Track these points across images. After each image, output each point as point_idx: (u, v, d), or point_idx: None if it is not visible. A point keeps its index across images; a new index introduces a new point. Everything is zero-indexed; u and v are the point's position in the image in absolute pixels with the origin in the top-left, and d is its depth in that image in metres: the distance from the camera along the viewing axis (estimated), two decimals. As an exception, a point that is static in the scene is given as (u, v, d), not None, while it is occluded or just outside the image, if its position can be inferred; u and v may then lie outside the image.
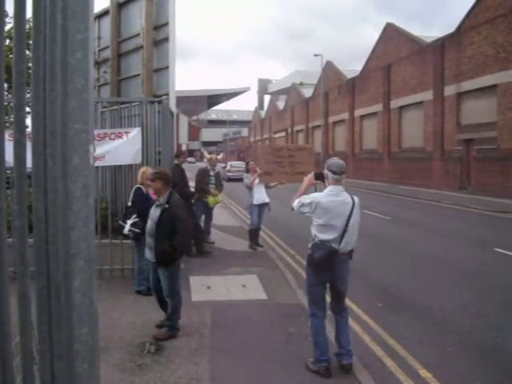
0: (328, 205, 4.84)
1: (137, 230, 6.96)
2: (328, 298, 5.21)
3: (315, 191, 5.30)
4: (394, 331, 6.15)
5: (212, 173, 11.29)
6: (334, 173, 4.90)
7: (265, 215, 11.38)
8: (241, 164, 39.44)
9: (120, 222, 7.28)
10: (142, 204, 7.01)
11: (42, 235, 1.28)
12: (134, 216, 7.04)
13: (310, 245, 4.99)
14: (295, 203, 5.08)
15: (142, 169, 7.40)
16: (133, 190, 7.41)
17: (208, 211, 11.34)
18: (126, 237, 7.23)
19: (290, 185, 12.64)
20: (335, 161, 5.07)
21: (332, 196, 4.89)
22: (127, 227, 7.01)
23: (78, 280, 1.24)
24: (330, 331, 5.30)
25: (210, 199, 10.89)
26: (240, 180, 15.84)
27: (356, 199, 5.04)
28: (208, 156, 11.95)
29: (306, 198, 4.97)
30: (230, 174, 37.50)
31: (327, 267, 4.85)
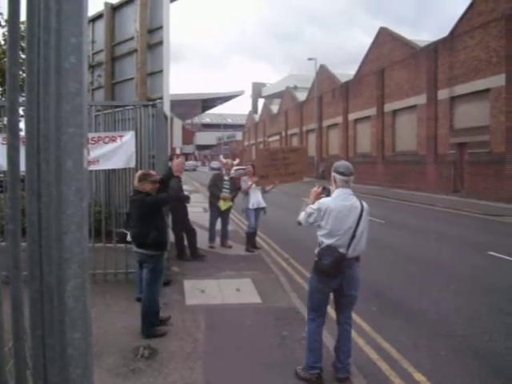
0: (337, 209, 4.64)
1: None
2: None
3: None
4: (388, 335, 6.16)
5: (227, 177, 11.38)
6: (342, 174, 4.74)
7: (260, 219, 11.42)
8: (193, 163, 74.57)
9: (123, 230, 7.21)
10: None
11: (35, 239, 1.27)
12: None
13: (316, 251, 4.79)
14: (301, 216, 4.88)
15: (137, 173, 7.36)
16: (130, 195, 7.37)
17: (224, 216, 11.46)
18: (129, 243, 7.16)
19: (286, 189, 12.68)
20: (343, 162, 4.94)
21: (341, 200, 4.71)
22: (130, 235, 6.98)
23: (71, 284, 1.24)
24: (328, 337, 5.29)
25: (221, 203, 11.06)
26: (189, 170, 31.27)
27: (365, 205, 4.86)
28: (224, 161, 12.02)
29: (313, 206, 4.78)
30: (186, 167, 74.20)
31: (336, 273, 4.64)
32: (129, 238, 6.97)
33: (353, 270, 4.76)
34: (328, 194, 4.93)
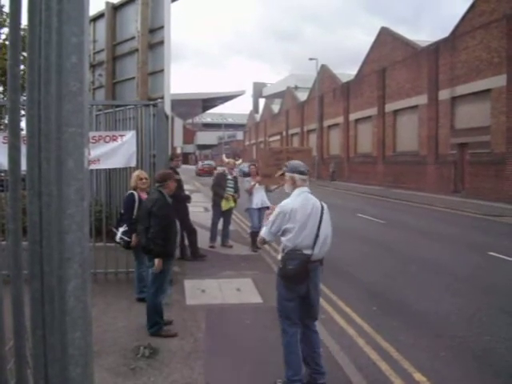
0: (301, 208, 4.52)
1: (127, 239, 6.92)
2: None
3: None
4: (388, 335, 6.16)
5: (230, 177, 11.41)
6: (301, 173, 4.69)
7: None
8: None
9: (113, 229, 7.25)
10: (130, 211, 7.00)
11: (36, 239, 1.27)
12: (125, 225, 7.00)
13: (279, 256, 4.69)
14: (264, 232, 4.71)
15: (136, 172, 7.37)
16: (125, 195, 7.36)
17: (226, 216, 11.47)
18: (118, 243, 7.17)
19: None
20: (298, 162, 4.90)
21: (302, 199, 4.60)
22: (118, 235, 6.97)
23: (72, 284, 1.24)
24: (328, 338, 5.29)
25: (223, 203, 11.09)
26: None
27: (325, 205, 4.74)
28: (226, 160, 12.05)
29: (274, 213, 4.63)
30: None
31: (304, 278, 4.49)
32: (117, 238, 6.99)
33: (316, 275, 4.64)
34: None
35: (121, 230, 6.99)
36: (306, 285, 4.56)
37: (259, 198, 11.02)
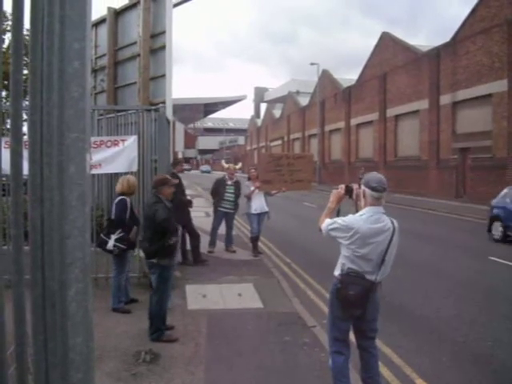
0: (369, 234, 4.02)
1: (122, 246, 6.76)
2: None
3: (338, 211, 4.44)
4: (389, 340, 6.13)
5: (230, 182, 11.36)
6: (373, 189, 4.10)
7: (264, 223, 11.38)
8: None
9: (102, 236, 6.88)
10: (123, 216, 6.85)
11: (37, 244, 1.27)
12: (119, 231, 6.80)
13: (337, 274, 4.19)
14: (324, 224, 4.23)
15: (128, 177, 7.20)
16: (116, 201, 7.06)
17: (228, 220, 11.43)
18: (110, 252, 6.91)
19: (288, 193, 12.69)
20: (375, 175, 4.27)
21: (373, 222, 4.09)
22: (111, 242, 6.72)
23: (74, 289, 1.24)
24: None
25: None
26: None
27: (396, 224, 4.27)
28: (226, 165, 12.01)
29: (340, 221, 4.13)
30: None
31: (364, 304, 4.09)
32: (110, 245, 6.72)
33: (376, 293, 4.23)
34: (351, 195, 4.43)
35: (113, 237, 6.75)
36: (365, 306, 4.20)
37: (258, 203, 10.99)
